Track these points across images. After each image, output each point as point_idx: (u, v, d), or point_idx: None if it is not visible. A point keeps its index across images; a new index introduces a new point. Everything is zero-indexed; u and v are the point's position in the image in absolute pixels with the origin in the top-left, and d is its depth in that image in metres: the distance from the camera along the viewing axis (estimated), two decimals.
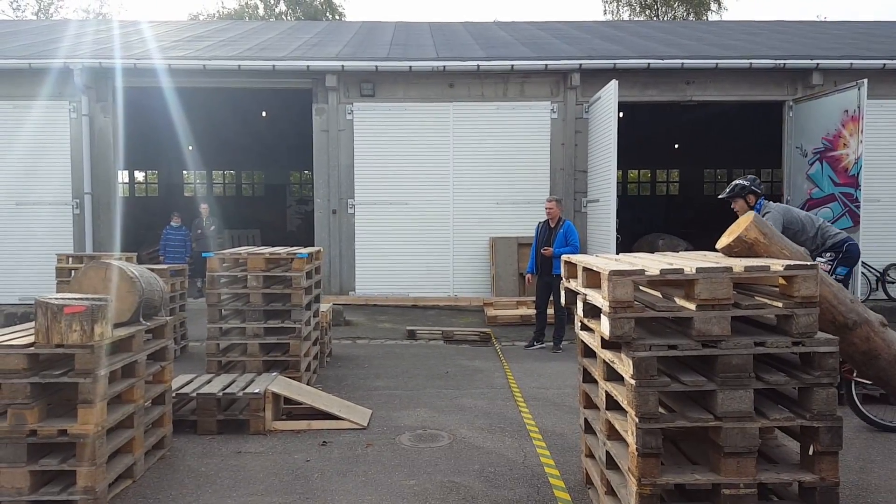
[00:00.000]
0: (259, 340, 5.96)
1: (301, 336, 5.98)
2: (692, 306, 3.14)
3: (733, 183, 5.66)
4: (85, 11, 33.90)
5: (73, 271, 8.01)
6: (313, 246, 9.45)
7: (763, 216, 5.08)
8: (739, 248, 3.72)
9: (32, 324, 3.77)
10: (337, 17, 34.49)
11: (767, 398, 3.19)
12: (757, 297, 3.39)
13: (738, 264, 3.22)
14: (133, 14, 34.12)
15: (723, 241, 3.82)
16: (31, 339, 3.58)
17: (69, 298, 3.67)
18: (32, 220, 10.95)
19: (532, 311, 9.00)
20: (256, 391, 4.92)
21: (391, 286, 11.11)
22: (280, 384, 5.19)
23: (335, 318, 9.09)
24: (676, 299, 3.32)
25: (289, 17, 34.02)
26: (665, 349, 3.10)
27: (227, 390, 4.98)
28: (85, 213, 10.92)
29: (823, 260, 5.36)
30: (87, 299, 3.67)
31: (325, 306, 7.74)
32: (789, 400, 3.16)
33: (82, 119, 10.90)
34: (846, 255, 5.31)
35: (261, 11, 34.97)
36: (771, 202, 5.66)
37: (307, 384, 5.91)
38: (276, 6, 35.36)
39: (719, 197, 5.91)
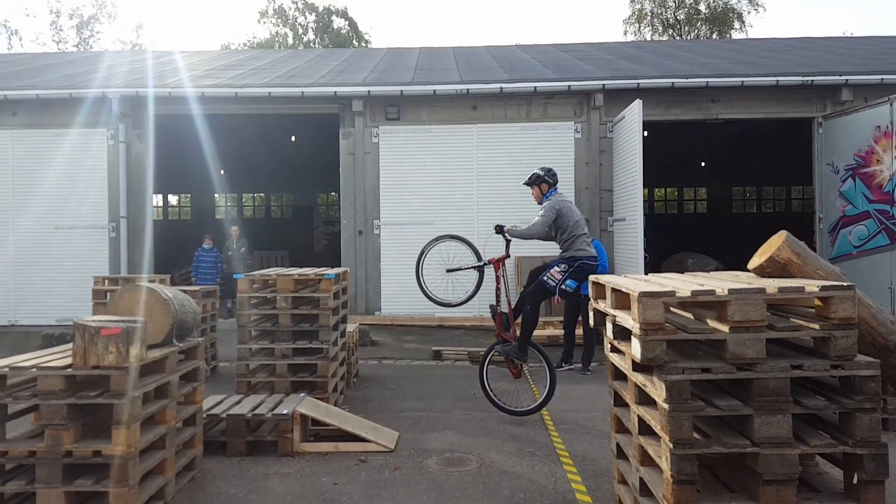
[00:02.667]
0: (287, 361, 6.00)
1: (329, 357, 6.02)
2: (725, 328, 3.08)
3: (533, 172, 6.21)
4: (122, 42, 35.11)
5: (108, 293, 8.21)
6: (340, 266, 9.56)
7: (566, 206, 5.83)
8: (772, 269, 3.66)
9: (70, 345, 3.87)
10: (363, 45, 35.13)
11: (807, 423, 3.10)
12: (792, 319, 3.32)
13: (772, 285, 3.16)
14: (167, 45, 35.26)
15: (754, 261, 3.76)
16: (69, 360, 3.66)
17: (106, 320, 3.75)
18: (69, 243, 11.25)
19: (560, 332, 8.92)
20: (285, 412, 4.94)
21: (416, 306, 11.10)
22: (308, 405, 5.21)
23: (361, 339, 9.11)
24: (709, 321, 3.27)
25: (317, 46, 34.74)
26: (698, 372, 3.04)
27: (255, 411, 5.01)
28: (121, 237, 11.19)
29: (559, 269, 5.70)
30: (122, 321, 3.74)
31: (351, 326, 7.78)
32: (830, 425, 3.07)
33: (119, 146, 11.24)
34: (576, 270, 5.68)
35: (290, 40, 35.78)
36: (560, 195, 6.09)
37: (334, 405, 5.92)
38: (305, 35, 36.17)
39: (522, 183, 6.40)
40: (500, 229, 6.10)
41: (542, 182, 6.13)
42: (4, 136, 11.37)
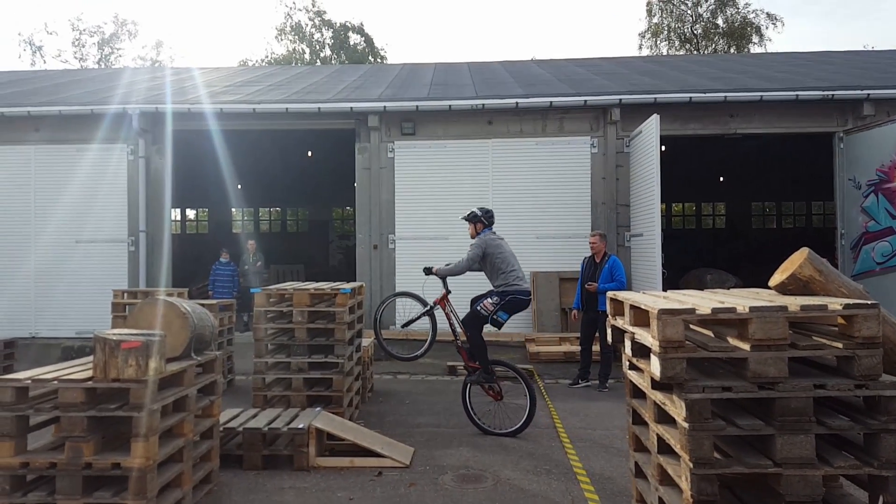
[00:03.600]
0: (303, 375, 6.01)
1: (344, 371, 6.02)
2: (746, 347, 3.05)
3: (471, 210, 6.50)
4: (142, 59, 35.76)
5: (127, 307, 8.30)
6: (355, 280, 9.57)
7: (495, 245, 6.10)
8: (794, 286, 3.61)
9: (90, 358, 3.91)
10: (379, 61, 35.48)
11: (830, 444, 3.05)
12: (814, 338, 3.27)
13: (794, 303, 3.12)
14: (186, 62, 35.82)
15: (776, 279, 3.72)
16: (90, 373, 3.70)
17: (126, 334, 3.79)
18: (89, 256, 11.39)
19: (576, 348, 8.85)
20: (300, 426, 4.95)
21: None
22: (323, 420, 5.21)
23: (376, 353, 9.11)
24: (729, 339, 3.23)
25: (334, 62, 35.14)
26: (719, 391, 3.01)
27: (272, 425, 5.02)
28: (139, 250, 11.32)
29: (492, 301, 5.98)
30: (142, 335, 3.78)
31: (366, 341, 7.78)
32: (855, 446, 3.01)
33: (139, 161, 11.40)
34: (508, 303, 5.96)
35: (307, 56, 36.23)
36: (491, 235, 6.30)
37: (350, 420, 5.91)
38: (322, 51, 36.61)
39: (460, 217, 6.63)
40: (428, 270, 6.39)
41: (478, 221, 6.42)
42: (27, 151, 11.59)
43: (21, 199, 11.52)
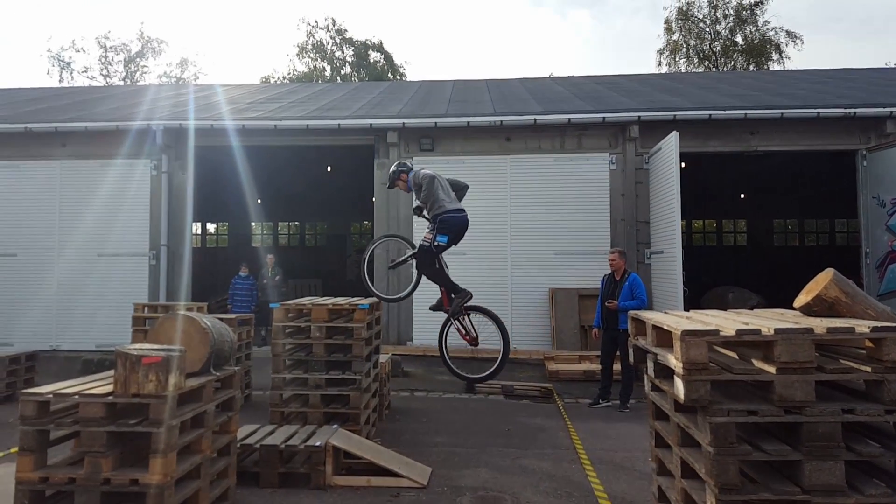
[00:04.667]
0: (320, 392, 5.99)
1: (361, 388, 5.99)
2: (772, 369, 2.99)
3: (390, 174, 6.62)
4: (167, 77, 36.43)
5: (147, 320, 8.37)
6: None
7: (420, 177, 6.15)
8: (819, 308, 3.55)
9: (111, 373, 3.93)
10: (399, 77, 35.78)
11: (861, 471, 2.96)
12: (842, 361, 3.20)
13: (820, 325, 3.06)
14: (210, 79, 36.47)
15: (801, 300, 3.65)
16: (110, 388, 3.71)
17: (146, 349, 3.81)
18: (111, 270, 11.54)
19: (596, 367, 8.75)
20: (318, 444, 4.92)
21: (449, 336, 11.02)
22: (340, 437, 5.18)
23: (393, 369, 9.09)
24: (754, 361, 3.17)
25: (354, 79, 35.53)
26: (745, 415, 2.95)
27: (288, 442, 5.00)
28: (161, 264, 11.45)
29: (429, 229, 6.22)
30: (162, 350, 3.80)
31: (383, 357, 7.76)
32: (886, 473, 2.92)
33: (162, 176, 11.58)
34: (441, 225, 6.12)
35: (328, 74, 36.67)
36: (420, 168, 6.37)
37: (367, 438, 5.87)
38: (343, 69, 37.03)
39: (387, 188, 6.86)
40: (418, 211, 6.56)
41: (399, 174, 6.53)
42: (53, 166, 11.82)
43: (46, 214, 11.73)
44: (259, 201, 19.48)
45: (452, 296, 6.44)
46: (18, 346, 10.49)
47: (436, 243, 6.13)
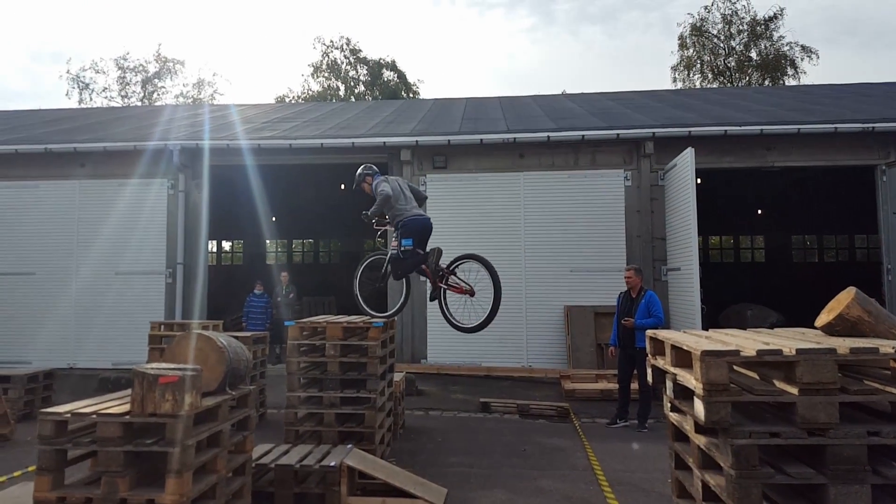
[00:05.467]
0: (335, 410, 5.97)
1: (376, 407, 5.96)
2: (794, 390, 2.93)
3: (357, 175, 6.66)
4: (184, 97, 37.05)
5: (163, 339, 8.42)
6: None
7: (378, 191, 6.13)
8: (841, 327, 3.49)
9: (127, 392, 3.95)
10: (412, 96, 36.09)
11: (888, 494, 2.89)
12: (866, 382, 3.14)
13: (843, 345, 3.00)
14: (226, 98, 37.05)
15: (822, 319, 3.59)
16: (127, 407, 3.72)
17: (163, 368, 3.82)
18: (128, 288, 11.66)
19: (613, 386, 8.65)
20: (332, 464, 4.89)
21: (463, 355, 11.01)
22: (355, 457, 5.14)
23: (408, 388, 9.03)
24: (776, 382, 3.11)
25: (368, 97, 35.89)
26: (767, 437, 2.89)
27: (303, 462, 4.97)
28: (177, 282, 11.55)
29: (394, 237, 6.23)
30: (179, 369, 3.81)
31: (398, 375, 7.73)
32: None
33: (179, 195, 11.72)
34: (403, 230, 6.15)
35: (342, 93, 37.08)
36: (382, 177, 6.40)
37: (381, 457, 5.84)
38: (357, 87, 37.44)
39: (353, 189, 6.76)
40: (366, 217, 6.38)
41: (365, 178, 6.59)
42: (72, 186, 12.01)
43: (65, 232, 11.90)
44: (274, 219, 19.64)
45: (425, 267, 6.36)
46: (36, 364, 10.59)
47: (403, 248, 6.18)
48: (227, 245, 25.39)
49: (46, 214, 11.97)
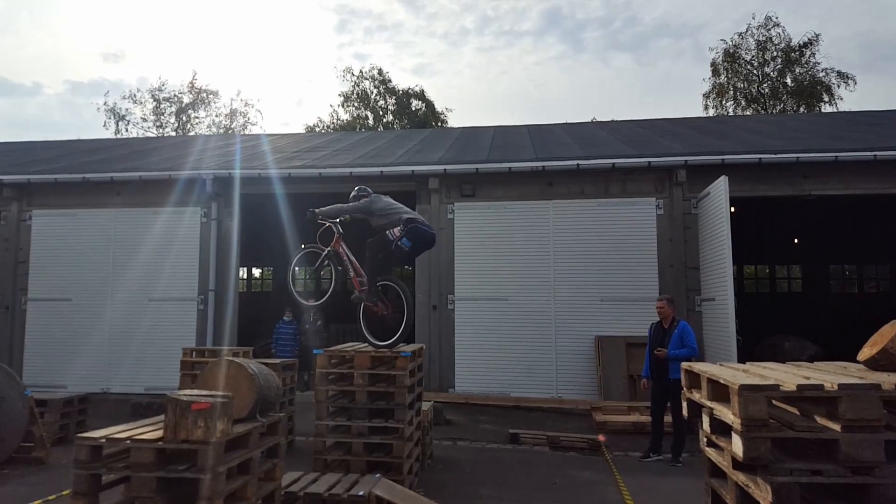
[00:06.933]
0: (363, 440, 5.94)
1: (404, 437, 5.91)
2: (837, 427, 2.83)
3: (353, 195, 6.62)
4: (216, 127, 38.05)
5: (195, 365, 8.52)
6: (413, 340, 9.55)
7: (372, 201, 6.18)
8: (886, 362, 3.37)
9: (160, 417, 3.99)
10: (440, 125, 36.50)
11: None
12: None
13: (888, 380, 2.91)
14: (257, 128, 37.93)
15: (865, 353, 3.48)
16: (160, 433, 3.77)
17: (195, 395, 3.87)
18: (160, 314, 11.88)
19: (646, 418, 8.45)
20: (360, 494, 4.85)
21: (491, 384, 10.91)
22: (384, 487, 5.10)
23: (435, 417, 8.95)
24: (817, 418, 3.01)
25: (396, 126, 36.41)
26: (808, 475, 2.79)
27: (332, 491, 4.94)
28: (208, 309, 11.73)
29: (399, 227, 6.03)
30: (211, 396, 3.85)
31: (425, 405, 7.66)
32: None
33: (211, 223, 11.98)
34: (411, 231, 5.99)
35: (370, 122, 37.71)
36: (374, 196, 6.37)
37: (409, 488, 5.77)
38: (385, 116, 38.05)
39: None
40: (311, 214, 6.50)
41: (358, 199, 6.53)
42: (108, 214, 12.36)
43: (101, 260, 12.22)
44: (303, 246, 19.86)
45: (364, 290, 6.47)
46: (71, 388, 10.82)
47: (398, 243, 6.09)
48: (256, 272, 25.73)
49: (84, 242, 12.31)
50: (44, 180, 12.38)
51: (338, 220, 6.61)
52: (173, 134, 35.98)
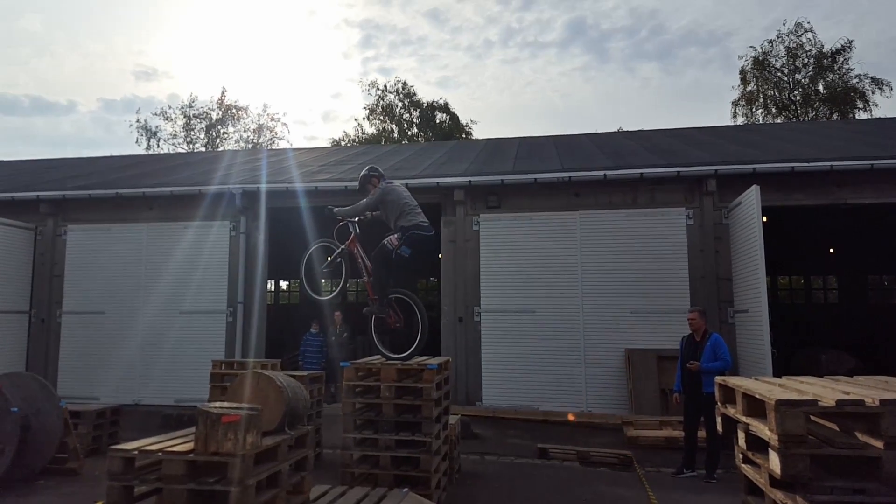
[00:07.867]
0: (390, 453, 5.92)
1: (432, 451, 5.88)
2: (879, 444, 2.72)
3: (360, 176, 6.63)
4: (245, 142, 38.73)
5: (224, 377, 8.61)
6: (439, 353, 9.49)
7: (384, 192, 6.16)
8: None
9: (191, 430, 4.03)
10: (465, 136, 36.60)
11: None
12: None
13: None
14: (283, 143, 38.61)
15: None
16: (191, 445, 3.80)
17: (226, 407, 3.90)
18: (190, 326, 12.06)
19: (678, 433, 8.27)
20: None
21: (519, 397, 10.80)
22: (412, 502, 5.07)
23: (463, 431, 8.88)
24: (858, 434, 2.90)
25: (421, 139, 36.62)
26: (850, 493, 2.69)
27: None
28: (237, 321, 11.87)
29: (396, 237, 6.09)
30: (241, 409, 3.87)
31: (453, 418, 7.61)
32: None
33: (240, 236, 12.15)
34: (409, 238, 6.07)
35: (395, 135, 38.01)
36: (389, 183, 6.34)
37: (437, 503, 5.72)
38: (410, 129, 38.31)
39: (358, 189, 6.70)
40: (329, 211, 6.60)
41: (370, 179, 6.51)
42: (140, 228, 12.63)
43: (133, 273, 12.46)
44: (329, 259, 20.00)
45: (377, 299, 6.45)
46: (103, 400, 11.03)
47: (398, 251, 6.12)
48: (284, 284, 25.99)
49: (116, 256, 12.57)
50: (78, 196, 12.70)
51: (356, 219, 6.65)
52: (203, 150, 36.70)
